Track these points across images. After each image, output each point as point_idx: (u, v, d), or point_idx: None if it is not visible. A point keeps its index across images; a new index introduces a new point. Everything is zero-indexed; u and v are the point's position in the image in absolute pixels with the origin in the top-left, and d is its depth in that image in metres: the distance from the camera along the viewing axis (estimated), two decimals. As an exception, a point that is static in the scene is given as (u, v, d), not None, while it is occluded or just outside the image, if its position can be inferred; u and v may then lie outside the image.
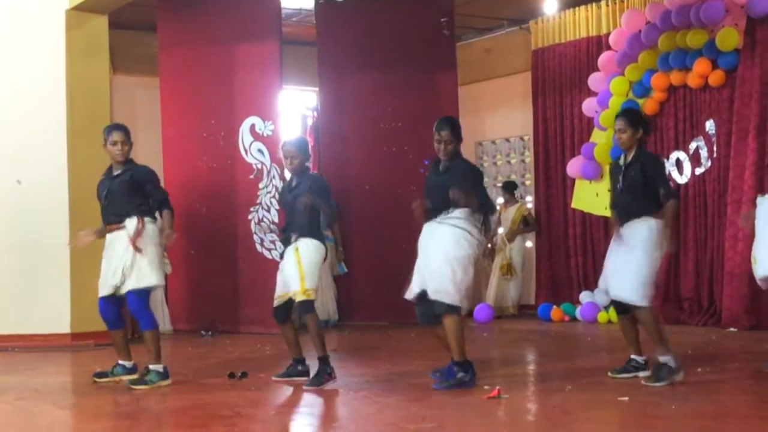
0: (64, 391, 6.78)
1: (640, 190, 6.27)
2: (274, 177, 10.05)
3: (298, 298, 6.42)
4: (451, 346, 6.18)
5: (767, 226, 6.33)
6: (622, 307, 6.42)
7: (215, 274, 10.40)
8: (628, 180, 6.31)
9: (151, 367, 6.61)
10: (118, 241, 6.60)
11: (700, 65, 9.92)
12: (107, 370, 6.87)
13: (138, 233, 6.55)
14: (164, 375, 6.64)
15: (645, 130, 6.39)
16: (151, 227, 6.65)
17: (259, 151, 10.16)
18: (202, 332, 10.23)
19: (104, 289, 6.69)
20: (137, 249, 6.54)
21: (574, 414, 5.37)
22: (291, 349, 6.73)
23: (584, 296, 10.95)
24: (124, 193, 6.63)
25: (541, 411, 5.64)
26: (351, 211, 10.98)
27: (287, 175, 7.34)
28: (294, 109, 12.85)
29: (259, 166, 10.18)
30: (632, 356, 6.44)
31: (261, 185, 10.13)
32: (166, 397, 6.25)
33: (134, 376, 6.71)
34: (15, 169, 9.20)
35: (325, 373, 6.36)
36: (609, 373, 6.42)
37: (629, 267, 6.17)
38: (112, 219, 6.67)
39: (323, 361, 6.39)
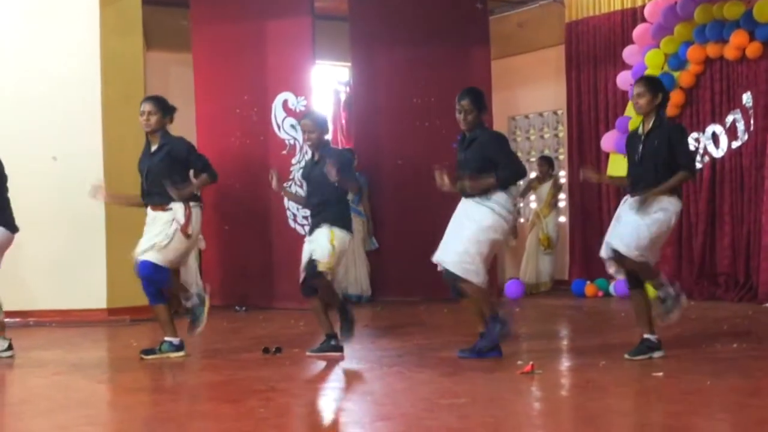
0: (100, 366, 6.87)
1: (661, 159, 6.09)
2: (306, 153, 10.05)
3: (321, 267, 6.54)
4: (482, 309, 6.30)
5: None
6: (635, 282, 6.28)
7: (248, 250, 10.45)
8: (648, 148, 6.12)
9: (166, 338, 6.66)
10: (162, 217, 6.55)
11: (737, 37, 9.77)
12: (155, 347, 6.75)
13: (188, 221, 6.53)
14: (178, 347, 6.66)
15: (664, 98, 6.24)
16: (196, 211, 6.62)
17: (292, 126, 10.17)
18: (236, 308, 10.31)
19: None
20: (188, 235, 6.55)
21: (608, 389, 5.36)
22: (322, 324, 6.76)
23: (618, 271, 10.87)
24: (165, 173, 6.54)
25: (575, 386, 5.63)
26: (383, 186, 10.99)
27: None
28: (326, 85, 12.85)
29: (292, 141, 10.20)
30: (645, 335, 6.24)
31: (294, 161, 10.16)
32: (202, 371, 6.31)
33: (182, 354, 6.67)
34: (51, 146, 9.27)
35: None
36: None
37: (638, 225, 6.05)
38: (156, 200, 6.59)
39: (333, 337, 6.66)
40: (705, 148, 10.39)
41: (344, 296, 8.87)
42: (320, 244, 6.59)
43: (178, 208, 6.54)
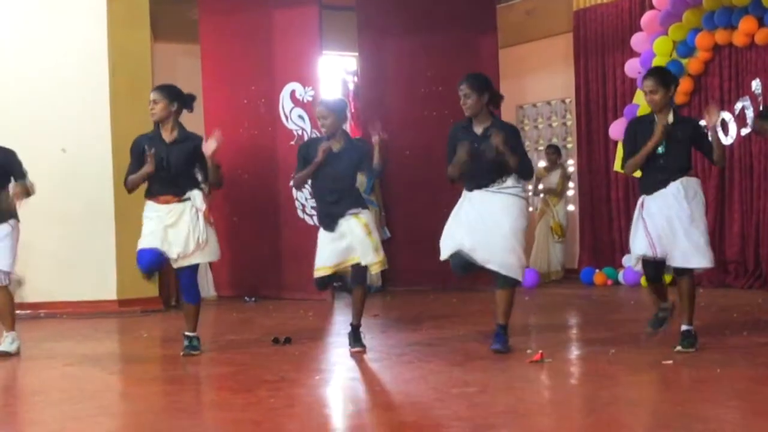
0: (112, 357, 6.90)
1: (685, 151, 6.10)
2: (314, 141, 10.06)
3: (377, 268, 6.42)
4: (506, 311, 6.18)
5: None
6: (657, 275, 6.24)
7: (258, 241, 10.47)
8: (674, 141, 6.02)
9: (191, 334, 6.55)
10: (185, 212, 6.41)
11: (746, 23, 9.73)
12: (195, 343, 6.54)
13: (210, 207, 6.51)
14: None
15: (675, 87, 6.17)
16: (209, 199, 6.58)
17: (300, 117, 10.17)
18: (246, 298, 10.33)
19: (160, 246, 6.38)
20: (210, 222, 6.51)
21: (618, 377, 5.36)
22: (358, 313, 6.52)
23: (627, 260, 10.86)
24: (186, 164, 6.45)
25: (585, 375, 5.63)
26: (391, 175, 10.97)
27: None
28: (334, 75, 12.83)
29: (300, 132, 10.20)
30: (664, 305, 6.32)
31: (301, 151, 10.14)
32: (212, 362, 6.33)
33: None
34: (60, 138, 9.30)
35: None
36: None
37: (699, 222, 6.02)
38: (172, 190, 6.44)
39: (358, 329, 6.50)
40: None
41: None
42: (361, 241, 6.35)
43: (196, 195, 6.45)
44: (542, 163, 11.99)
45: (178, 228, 6.40)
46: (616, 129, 11.14)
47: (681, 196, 5.99)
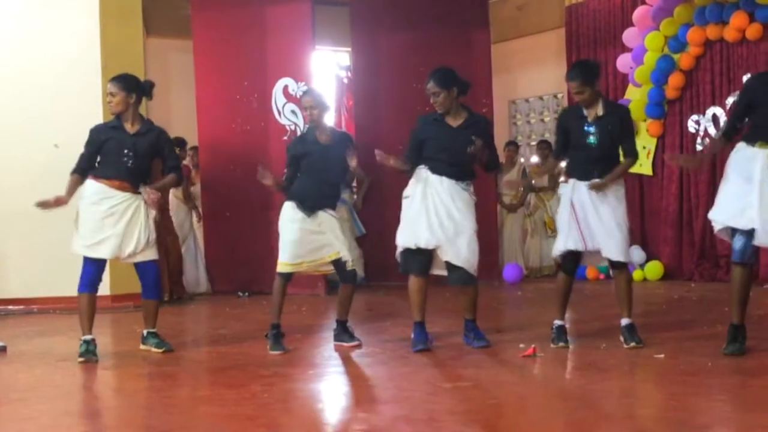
0: (104, 352, 6.86)
1: (615, 143, 6.12)
2: (307, 138, 10.06)
3: (350, 266, 6.48)
4: (475, 307, 6.28)
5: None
6: (574, 267, 6.34)
7: (250, 236, 10.47)
8: (605, 133, 6.05)
9: (153, 331, 6.56)
10: (140, 208, 6.33)
11: (737, 18, 9.76)
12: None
13: (154, 204, 6.37)
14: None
15: (598, 78, 6.18)
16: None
17: (293, 112, 10.17)
18: (239, 293, 10.34)
19: (107, 251, 6.31)
20: (156, 220, 6.47)
21: (610, 372, 5.38)
22: (276, 312, 6.52)
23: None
24: (147, 157, 6.38)
25: (577, 369, 5.65)
26: (384, 170, 10.96)
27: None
28: (327, 70, 12.83)
29: (293, 127, 10.20)
30: (560, 322, 6.28)
31: (294, 147, 10.15)
32: (205, 357, 6.33)
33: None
34: (52, 134, 9.28)
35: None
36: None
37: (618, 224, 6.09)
38: (130, 180, 6.31)
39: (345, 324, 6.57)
40: (705, 130, 10.39)
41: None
42: (337, 237, 6.43)
43: (143, 190, 6.35)
44: (534, 158, 12.00)
45: (131, 224, 6.32)
46: (608, 124, 11.15)
47: (611, 189, 6.07)
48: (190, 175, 10.65)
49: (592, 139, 6.09)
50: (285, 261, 6.50)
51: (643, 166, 10.95)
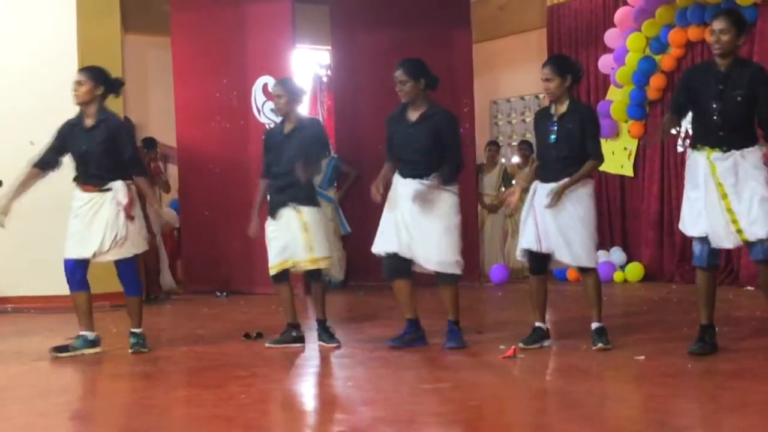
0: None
1: (576, 143, 6.02)
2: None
3: (306, 266, 6.45)
4: (454, 308, 6.24)
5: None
6: (540, 268, 6.24)
7: (229, 235, 10.39)
8: (564, 131, 6.02)
9: (138, 330, 6.48)
10: (104, 205, 6.20)
11: (719, 20, 9.76)
12: (69, 343, 6.37)
13: (131, 202, 6.20)
14: (93, 342, 6.40)
15: (574, 78, 6.17)
16: (133, 190, 6.29)
17: (272, 110, 10.09)
18: (217, 293, 10.27)
19: (80, 251, 6.28)
20: (131, 218, 6.22)
21: (590, 373, 5.37)
22: (286, 312, 6.58)
23: (599, 255, 10.90)
24: (104, 153, 6.19)
25: (557, 370, 5.64)
26: (364, 170, 10.93)
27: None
28: (307, 68, 12.77)
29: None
30: (538, 324, 6.23)
31: (274, 145, 10.08)
32: (183, 357, 6.27)
33: (97, 350, 6.37)
34: (27, 131, 9.15)
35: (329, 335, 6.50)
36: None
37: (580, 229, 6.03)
38: (93, 180, 6.22)
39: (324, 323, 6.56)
40: (687, 132, 10.39)
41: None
42: (294, 238, 6.40)
43: (119, 188, 6.18)
44: (515, 159, 11.99)
45: (94, 224, 6.22)
46: (589, 125, 11.16)
47: (571, 192, 5.97)
48: (160, 174, 10.45)
49: (553, 137, 6.05)
50: (269, 263, 6.58)
51: (625, 168, 10.97)
